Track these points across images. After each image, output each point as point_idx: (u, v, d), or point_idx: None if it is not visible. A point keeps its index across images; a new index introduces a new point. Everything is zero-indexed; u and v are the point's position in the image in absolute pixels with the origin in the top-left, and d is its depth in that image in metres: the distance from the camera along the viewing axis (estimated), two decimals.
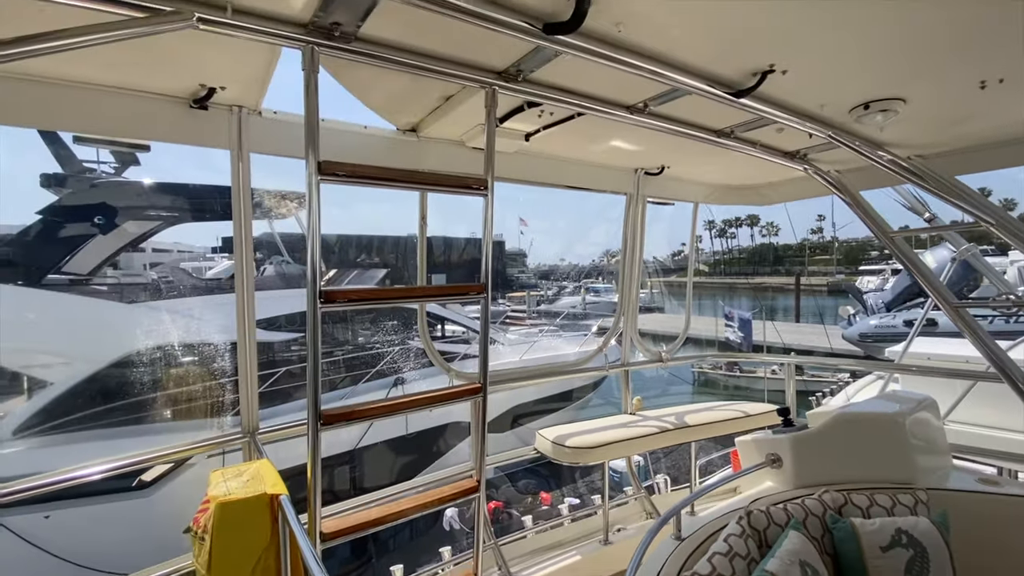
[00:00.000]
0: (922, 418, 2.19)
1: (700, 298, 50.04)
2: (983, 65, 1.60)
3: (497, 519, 7.32)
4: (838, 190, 2.66)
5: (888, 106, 1.85)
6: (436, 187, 1.70)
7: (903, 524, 1.74)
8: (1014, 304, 2.85)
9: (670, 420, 2.90)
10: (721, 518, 1.86)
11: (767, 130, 2.20)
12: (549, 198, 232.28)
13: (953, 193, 2.28)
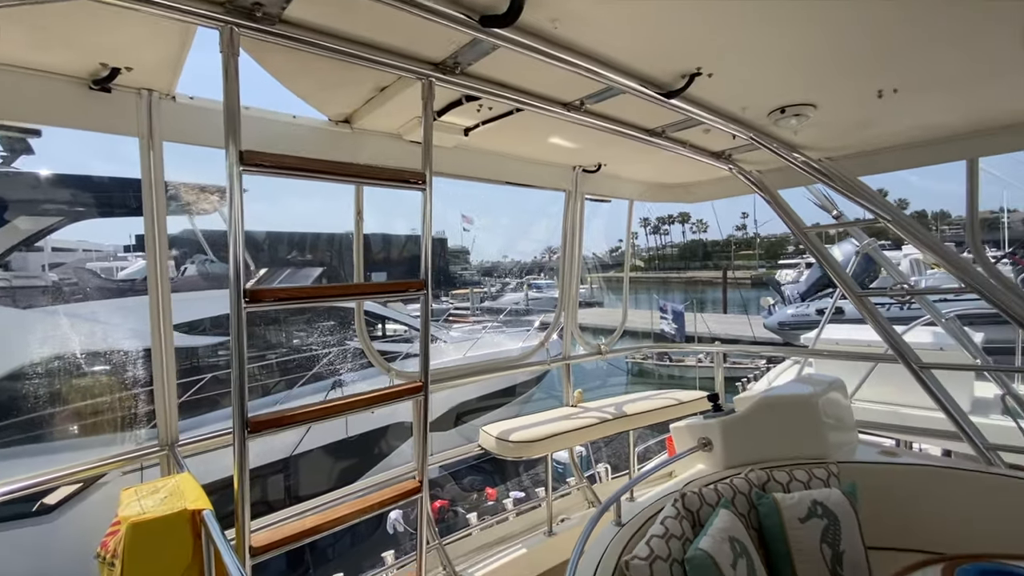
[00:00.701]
0: (832, 398, 2.39)
1: (637, 292, 51.96)
2: (880, 76, 1.76)
3: (443, 518, 7.25)
4: (759, 189, 2.85)
5: (801, 111, 2.00)
6: (371, 180, 1.64)
7: (818, 496, 1.89)
8: (907, 292, 3.18)
9: (609, 410, 2.99)
10: (658, 502, 1.94)
11: (695, 130, 2.31)
12: (491, 195, 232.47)
13: (857, 192, 2.50)
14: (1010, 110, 2.06)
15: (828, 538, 1.80)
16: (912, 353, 2.48)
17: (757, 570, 1.64)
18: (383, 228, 37.19)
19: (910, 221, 2.53)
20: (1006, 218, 33.21)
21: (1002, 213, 32.55)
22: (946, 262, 2.41)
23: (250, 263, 9.35)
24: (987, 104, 2.01)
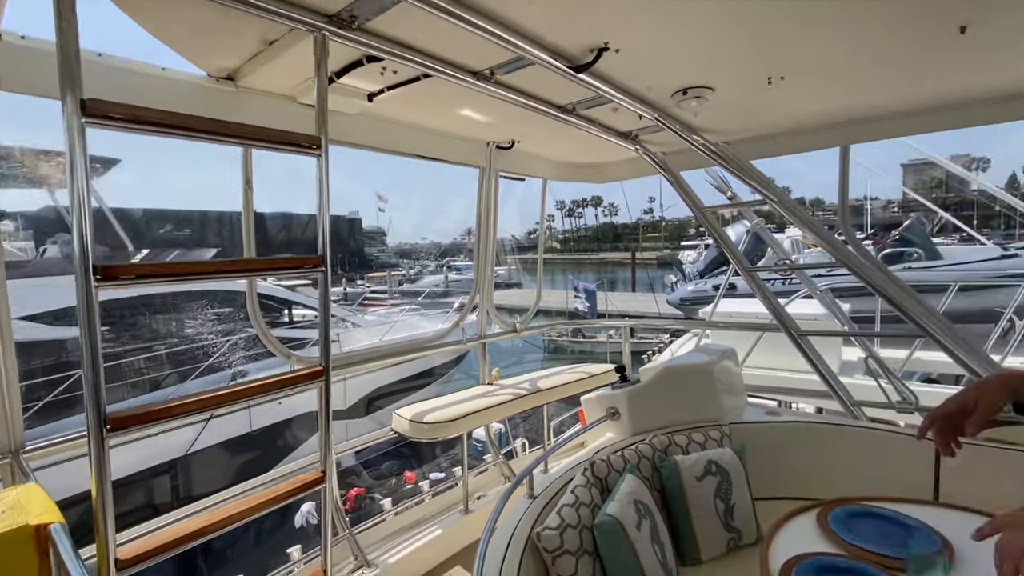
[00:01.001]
0: (725, 366, 2.59)
1: (553, 274, 53.44)
2: (769, 63, 1.87)
3: (360, 506, 7.06)
4: (663, 170, 2.97)
5: (701, 93, 2.09)
6: (257, 142, 1.46)
7: (712, 455, 2.04)
8: (789, 268, 3.53)
9: (524, 387, 3.02)
10: (569, 472, 1.99)
11: (604, 109, 2.34)
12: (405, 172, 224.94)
13: (749, 175, 2.69)
14: (879, 102, 2.30)
15: (721, 493, 1.95)
16: (792, 322, 2.74)
17: (659, 529, 1.73)
18: (284, 207, 34.80)
19: (793, 204, 2.77)
20: (869, 204, 38.14)
21: (866, 200, 37.33)
22: (822, 241, 2.68)
23: (128, 244, 8.26)
24: (860, 95, 2.23)
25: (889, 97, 2.23)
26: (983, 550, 1.52)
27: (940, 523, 1.61)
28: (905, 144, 5.91)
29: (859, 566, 1.42)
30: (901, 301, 2.34)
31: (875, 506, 1.73)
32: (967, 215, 39.06)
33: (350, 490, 7.41)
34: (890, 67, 1.90)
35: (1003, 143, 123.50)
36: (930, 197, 37.09)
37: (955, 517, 1.68)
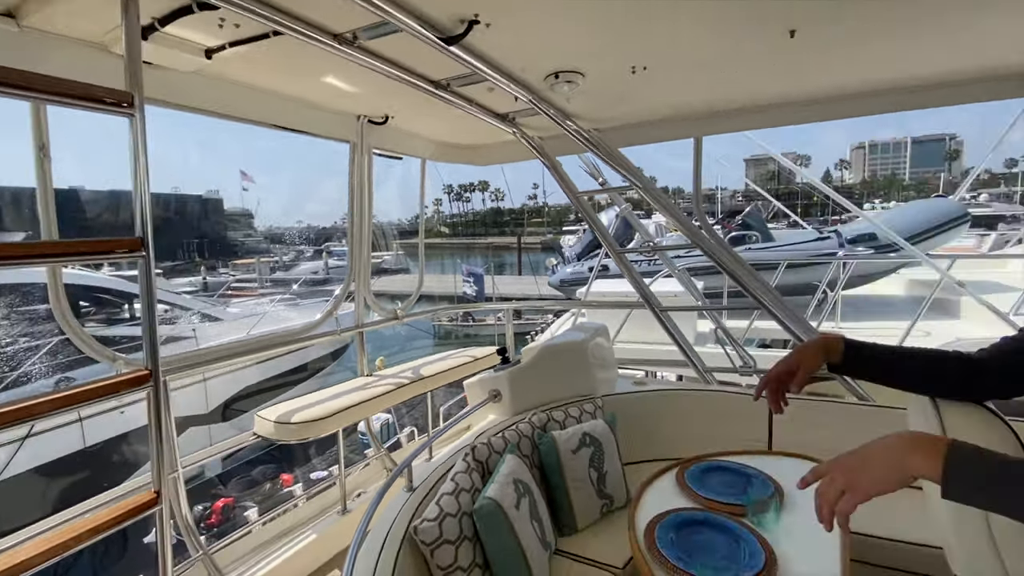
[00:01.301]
0: (599, 342, 2.73)
1: (442, 258, 52.97)
2: (634, 53, 1.96)
3: (229, 518, 6.39)
4: (540, 154, 3.02)
5: (572, 78, 2.12)
6: (44, 96, 1.17)
7: (587, 428, 2.14)
8: (652, 249, 3.86)
9: (406, 375, 2.91)
10: (451, 459, 1.95)
11: (480, 88, 2.28)
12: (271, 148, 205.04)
13: (618, 162, 2.83)
14: (729, 97, 2.53)
15: (595, 463, 2.06)
16: (655, 299, 2.98)
17: (538, 503, 1.77)
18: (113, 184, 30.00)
19: (656, 191, 2.98)
20: (720, 194, 43.27)
21: (717, 190, 42.33)
22: (680, 225, 2.92)
23: None
24: (713, 90, 2.43)
25: (737, 93, 2.47)
26: (809, 491, 1.79)
27: (774, 470, 1.86)
28: (747, 140, 6.75)
29: (710, 516, 1.58)
30: (742, 278, 2.65)
31: (723, 460, 1.95)
32: (794, 204, 46.33)
33: (216, 502, 6.68)
34: (737, 65, 2.10)
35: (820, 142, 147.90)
36: (766, 188, 43.27)
37: (786, 463, 1.95)
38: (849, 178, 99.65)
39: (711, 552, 1.43)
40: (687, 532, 1.52)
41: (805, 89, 2.39)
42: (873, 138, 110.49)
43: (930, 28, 1.79)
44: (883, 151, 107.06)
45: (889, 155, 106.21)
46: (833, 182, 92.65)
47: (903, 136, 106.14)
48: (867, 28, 1.75)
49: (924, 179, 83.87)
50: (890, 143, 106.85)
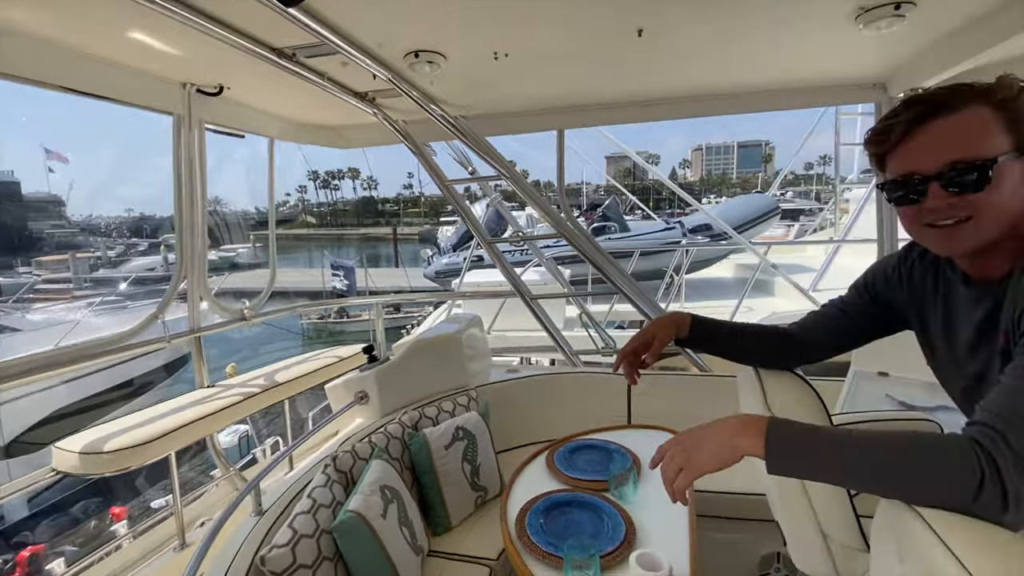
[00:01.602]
0: (472, 333, 2.70)
1: (310, 251, 49.30)
2: (495, 38, 1.92)
3: (37, 570, 5.25)
4: (405, 139, 2.87)
5: (433, 59, 2.03)
6: None
7: (460, 421, 2.09)
8: (522, 239, 3.95)
9: (259, 383, 2.60)
10: (308, 473, 1.77)
11: (333, 62, 2.08)
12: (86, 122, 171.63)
13: (485, 150, 2.81)
14: (589, 92, 2.63)
15: (468, 456, 2.02)
16: (526, 288, 3.04)
17: (408, 507, 1.68)
18: None
19: (523, 181, 3.02)
20: (585, 187, 46.20)
21: (583, 184, 45.15)
22: (547, 215, 3.00)
23: None
24: (574, 83, 2.51)
25: (595, 89, 2.58)
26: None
27: (632, 442, 1.99)
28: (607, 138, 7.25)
29: (578, 496, 1.63)
30: (602, 265, 2.81)
31: (589, 439, 2.04)
32: (647, 198, 51.41)
33: (20, 552, 5.44)
34: (593, 60, 2.17)
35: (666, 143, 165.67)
36: (624, 183, 47.37)
37: (642, 435, 2.10)
38: (690, 176, 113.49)
39: (579, 531, 1.48)
40: (556, 514, 1.56)
41: (654, 88, 2.58)
42: (708, 141, 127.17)
43: (753, 42, 2.02)
44: (716, 153, 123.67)
45: (721, 156, 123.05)
46: (678, 179, 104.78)
47: (731, 140, 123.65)
48: (704, 35, 1.92)
49: (747, 178, 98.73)
50: (721, 146, 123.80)
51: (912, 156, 0.79)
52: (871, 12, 1.68)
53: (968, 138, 0.75)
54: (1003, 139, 0.74)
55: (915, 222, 0.83)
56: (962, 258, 0.85)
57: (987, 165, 0.73)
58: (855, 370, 2.42)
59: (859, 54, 2.22)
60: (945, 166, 0.75)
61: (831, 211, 9.82)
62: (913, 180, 0.79)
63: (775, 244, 9.17)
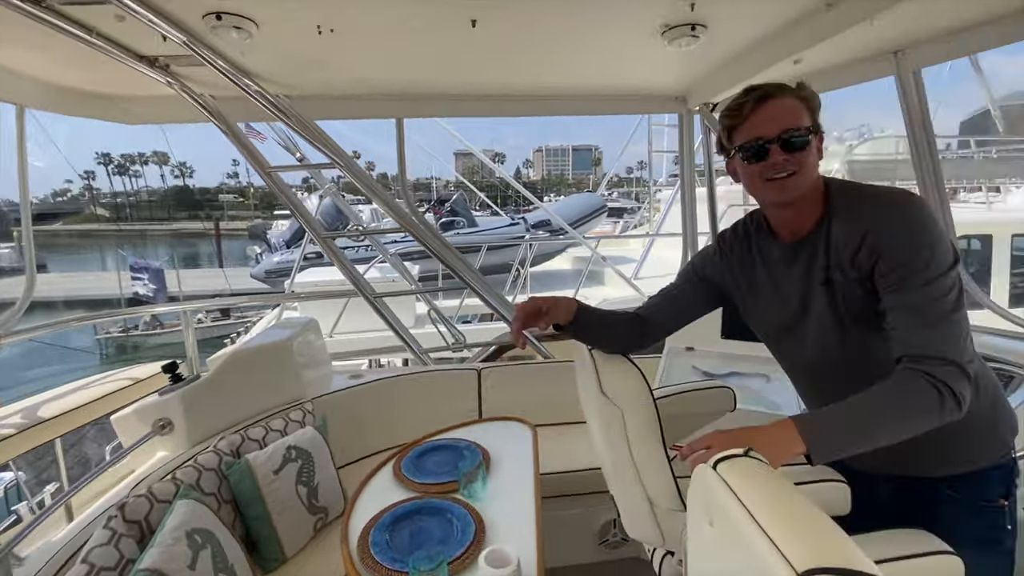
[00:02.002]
0: (306, 339, 2.44)
1: (103, 249, 40.94)
2: (317, 8, 1.72)
3: None
4: (214, 117, 2.46)
5: (240, 24, 1.74)
6: None
7: (293, 440, 1.86)
8: (360, 233, 3.70)
9: (14, 420, 2.01)
10: (86, 529, 1.40)
11: (102, 12, 1.66)
12: None
13: (314, 136, 2.55)
14: (430, 81, 2.53)
15: (303, 477, 1.81)
16: (368, 286, 2.85)
17: (226, 550, 1.43)
18: None
19: (361, 171, 2.82)
20: (435, 182, 45.94)
21: (432, 179, 44.82)
22: (389, 209, 2.84)
23: None
24: (413, 71, 2.39)
25: (434, 78, 2.50)
26: (511, 451, 1.97)
27: (482, 436, 1.98)
28: (452, 135, 7.24)
29: (427, 503, 1.55)
30: (449, 260, 2.77)
31: (439, 439, 1.98)
32: (495, 194, 53.17)
33: None
34: (430, 47, 2.09)
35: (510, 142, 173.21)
36: (472, 179, 48.22)
37: (493, 427, 2.10)
38: (533, 175, 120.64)
39: (428, 540, 1.41)
40: (403, 526, 1.46)
41: (489, 83, 2.59)
42: (548, 143, 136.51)
43: (575, 47, 2.14)
44: (555, 154, 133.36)
45: (559, 158, 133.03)
46: (522, 178, 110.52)
47: (567, 144, 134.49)
48: (530, 34, 1.96)
49: (581, 179, 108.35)
50: (559, 148, 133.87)
51: (758, 126, 1.03)
52: (674, 30, 1.89)
53: (793, 114, 1.02)
54: (807, 120, 1.03)
55: (758, 178, 1.06)
56: (787, 208, 1.09)
57: (807, 132, 1.02)
58: (669, 347, 2.77)
59: (665, 68, 2.51)
60: (782, 132, 1.01)
61: (647, 209, 11.24)
62: (760, 143, 1.03)
63: (604, 238, 10.20)
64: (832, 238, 1.03)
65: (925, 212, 0.97)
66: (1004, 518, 1.06)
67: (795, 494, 0.66)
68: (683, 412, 1.83)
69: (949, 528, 1.01)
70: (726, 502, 0.67)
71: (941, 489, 1.07)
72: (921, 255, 0.93)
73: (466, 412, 2.59)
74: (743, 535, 0.61)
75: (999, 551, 1.07)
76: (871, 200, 1.02)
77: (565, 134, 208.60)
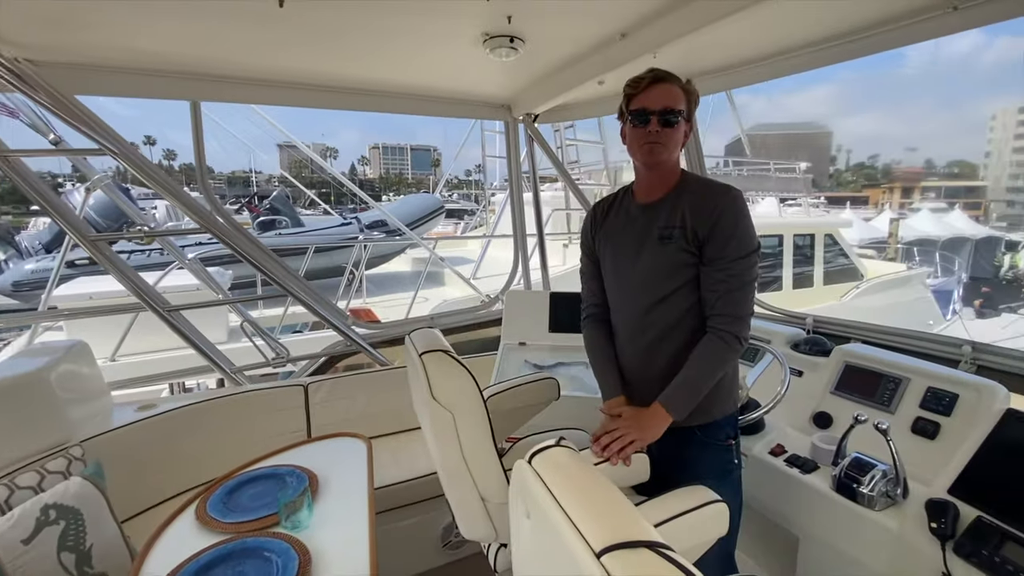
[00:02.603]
0: (71, 367, 1.96)
1: None
2: None
3: None
4: None
5: None
6: None
7: (50, 498, 1.47)
8: (146, 235, 3.07)
9: None
10: None
11: None
12: None
13: (71, 113, 2.04)
14: (232, 62, 2.21)
15: (68, 542, 1.44)
16: (160, 297, 2.39)
17: None
18: None
19: (144, 160, 2.35)
20: (255, 177, 40.98)
21: (252, 173, 39.93)
22: (182, 205, 2.41)
23: None
24: (210, 48, 2.06)
25: (235, 59, 2.20)
26: (343, 470, 1.83)
27: (309, 458, 1.80)
28: (274, 127, 6.52)
29: (239, 545, 1.36)
30: (264, 264, 2.47)
31: (255, 468, 1.75)
32: (327, 192, 49.50)
33: None
34: (231, 21, 1.82)
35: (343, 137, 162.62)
36: (300, 175, 44.23)
37: (322, 447, 1.93)
38: (370, 173, 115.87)
39: None
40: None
41: (303, 70, 2.38)
42: (385, 141, 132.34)
43: (396, 44, 2.08)
44: (393, 153, 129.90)
45: (398, 157, 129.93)
46: (358, 175, 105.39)
47: (405, 143, 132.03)
48: (343, 22, 1.85)
49: (421, 179, 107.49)
50: (397, 147, 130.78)
51: (649, 99, 1.28)
52: (494, 39, 1.96)
53: (674, 97, 1.29)
54: (684, 107, 1.30)
55: (640, 139, 1.30)
56: (651, 170, 1.35)
57: (680, 113, 1.28)
58: (504, 343, 2.89)
59: (490, 77, 2.60)
60: (664, 108, 1.27)
61: (484, 212, 11.62)
62: (647, 112, 1.28)
63: (442, 239, 10.28)
64: (676, 208, 1.31)
65: (744, 203, 1.29)
66: (731, 453, 1.42)
67: (597, 478, 0.73)
68: (515, 406, 1.92)
69: (699, 461, 1.39)
70: (538, 493, 0.71)
71: (693, 432, 1.40)
72: (741, 237, 1.26)
73: (292, 433, 2.36)
74: (552, 523, 0.65)
75: (730, 480, 1.42)
76: (712, 188, 1.31)
77: (405, 132, 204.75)
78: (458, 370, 1.27)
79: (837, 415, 1.88)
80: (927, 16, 1.68)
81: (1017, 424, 1.43)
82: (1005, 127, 72.04)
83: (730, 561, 1.47)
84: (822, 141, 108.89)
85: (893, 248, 20.01)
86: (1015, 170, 67.68)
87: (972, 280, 18.07)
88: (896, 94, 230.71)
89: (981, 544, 1.26)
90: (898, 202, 63.08)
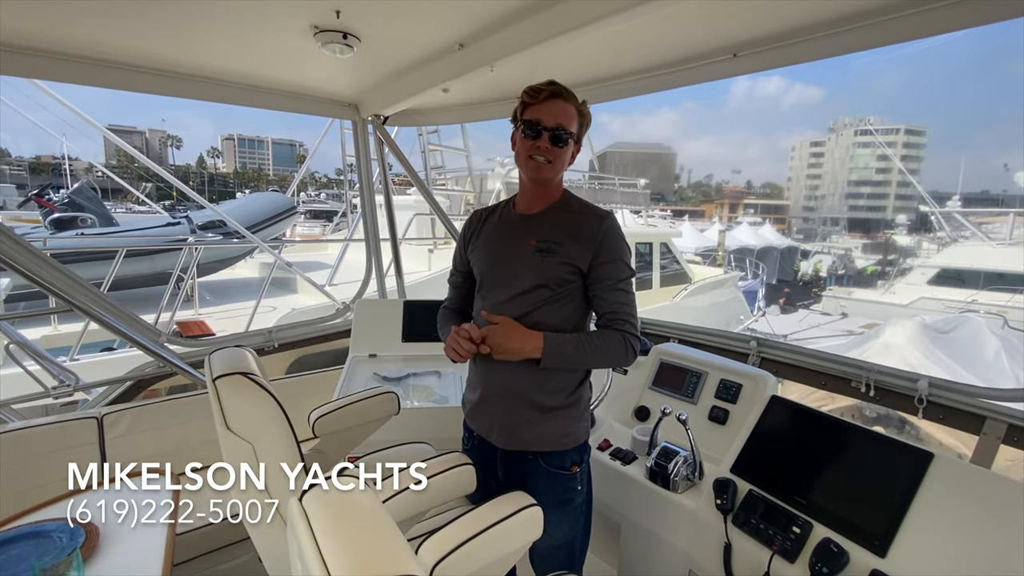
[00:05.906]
0: None
1: None
2: None
3: None
4: None
5: None
6: None
7: None
8: None
9: None
10: None
11: None
12: None
13: None
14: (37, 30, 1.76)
15: None
16: None
17: None
18: None
19: None
20: (68, 165, 34.19)
21: (65, 160, 33.33)
22: None
23: None
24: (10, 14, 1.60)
25: (42, 29, 1.75)
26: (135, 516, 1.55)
27: (95, 503, 1.50)
28: (108, 105, 5.41)
29: None
30: (34, 271, 2.01)
31: (9, 529, 1.41)
32: (170, 186, 42.93)
33: None
34: None
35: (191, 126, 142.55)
36: (134, 164, 37.80)
37: (115, 490, 1.62)
38: (223, 166, 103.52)
39: None
40: None
41: (129, 50, 2.00)
42: (240, 132, 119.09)
43: (223, 30, 1.85)
44: (251, 146, 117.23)
45: (256, 150, 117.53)
46: (208, 169, 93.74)
47: (266, 136, 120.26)
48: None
49: (285, 176, 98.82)
50: (256, 139, 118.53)
51: (544, 113, 1.29)
52: (324, 33, 1.83)
53: (568, 117, 1.30)
54: (575, 127, 1.32)
55: (525, 152, 1.31)
56: (535, 185, 1.37)
57: (570, 134, 1.30)
58: (352, 356, 2.73)
59: (333, 74, 2.45)
60: (556, 126, 1.28)
61: (350, 213, 11.00)
62: (539, 126, 1.28)
63: (287, 243, 9.49)
64: (556, 225, 1.35)
65: (619, 224, 1.37)
66: (574, 480, 1.39)
67: (366, 515, 0.69)
68: (352, 424, 1.81)
69: (538, 489, 1.32)
70: (301, 533, 0.65)
71: (535, 461, 1.36)
72: (623, 254, 1.33)
73: (79, 477, 1.95)
74: (310, 566, 0.59)
75: (572, 507, 1.40)
76: (593, 212, 1.36)
77: (262, 125, 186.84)
78: (260, 395, 1.15)
79: (653, 408, 2.08)
80: (712, 60, 1.94)
81: (779, 408, 1.71)
82: (801, 157, 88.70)
83: None
84: (668, 160, 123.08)
85: (720, 255, 23.43)
86: (808, 192, 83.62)
87: (779, 282, 21.82)
88: (724, 123, 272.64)
89: (751, 514, 1.48)
90: (727, 216, 73.90)
